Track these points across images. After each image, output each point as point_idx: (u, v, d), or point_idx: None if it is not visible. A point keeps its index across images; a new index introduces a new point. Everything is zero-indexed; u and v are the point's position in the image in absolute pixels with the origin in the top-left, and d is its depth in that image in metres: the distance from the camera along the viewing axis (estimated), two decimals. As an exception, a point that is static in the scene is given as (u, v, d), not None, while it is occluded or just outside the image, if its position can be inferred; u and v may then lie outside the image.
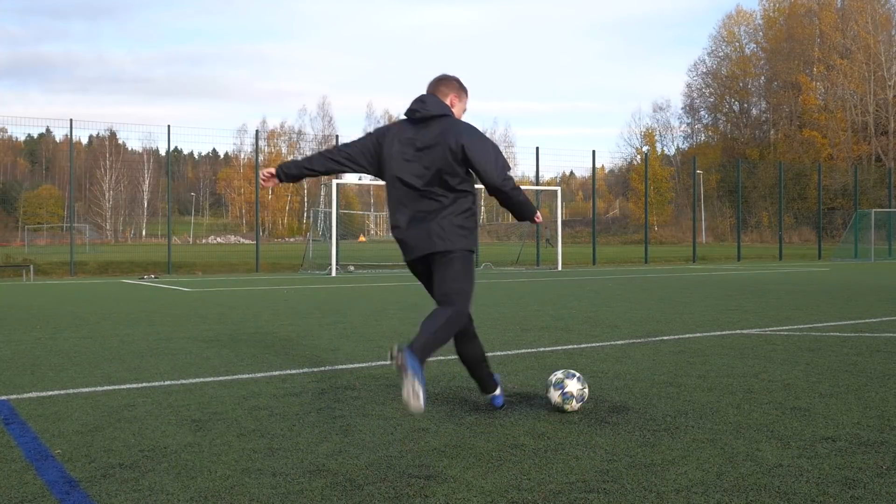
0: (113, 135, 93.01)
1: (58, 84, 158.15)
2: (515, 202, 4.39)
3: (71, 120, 23.34)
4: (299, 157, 4.66)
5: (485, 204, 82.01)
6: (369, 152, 4.47)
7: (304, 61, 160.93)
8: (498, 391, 4.81)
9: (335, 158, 4.52)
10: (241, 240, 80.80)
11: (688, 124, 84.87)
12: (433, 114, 4.32)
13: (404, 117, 4.48)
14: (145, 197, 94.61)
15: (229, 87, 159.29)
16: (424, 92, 4.52)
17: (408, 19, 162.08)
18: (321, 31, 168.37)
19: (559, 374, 4.69)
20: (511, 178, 4.28)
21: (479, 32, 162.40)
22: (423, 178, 4.29)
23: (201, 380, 5.84)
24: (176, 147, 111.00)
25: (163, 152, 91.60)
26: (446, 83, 4.50)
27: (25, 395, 5.29)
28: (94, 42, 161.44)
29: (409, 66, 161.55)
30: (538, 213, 4.50)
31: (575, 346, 7.47)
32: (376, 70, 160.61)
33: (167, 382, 5.73)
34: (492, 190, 4.29)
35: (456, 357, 4.45)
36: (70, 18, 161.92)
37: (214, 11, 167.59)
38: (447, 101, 4.45)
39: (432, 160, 4.27)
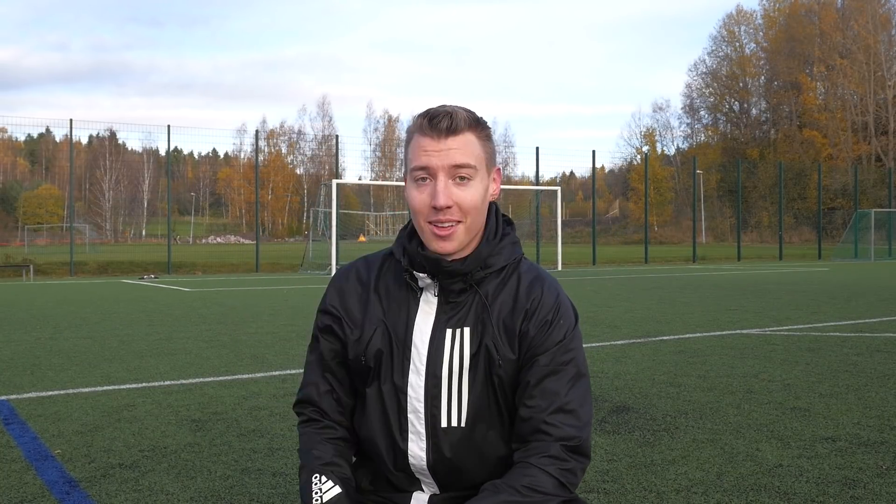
0: (113, 135, 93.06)
1: (128, 88, 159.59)
2: None
3: (71, 120, 23.34)
4: None
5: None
6: None
7: (307, 61, 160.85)
8: None
9: None
10: (241, 240, 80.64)
11: (688, 124, 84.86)
12: None
13: None
14: (145, 197, 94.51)
15: (301, 92, 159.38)
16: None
17: (421, 20, 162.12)
18: (324, 31, 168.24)
19: None
20: None
21: (476, 35, 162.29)
22: None
23: (201, 380, 5.84)
24: (176, 147, 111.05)
25: (162, 152, 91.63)
26: None
27: (25, 395, 5.29)
28: (176, 49, 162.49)
29: (412, 66, 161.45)
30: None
31: (575, 346, 7.46)
32: (379, 70, 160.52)
33: (167, 382, 5.73)
34: None
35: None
36: (165, 26, 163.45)
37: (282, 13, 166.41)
38: None
39: None
